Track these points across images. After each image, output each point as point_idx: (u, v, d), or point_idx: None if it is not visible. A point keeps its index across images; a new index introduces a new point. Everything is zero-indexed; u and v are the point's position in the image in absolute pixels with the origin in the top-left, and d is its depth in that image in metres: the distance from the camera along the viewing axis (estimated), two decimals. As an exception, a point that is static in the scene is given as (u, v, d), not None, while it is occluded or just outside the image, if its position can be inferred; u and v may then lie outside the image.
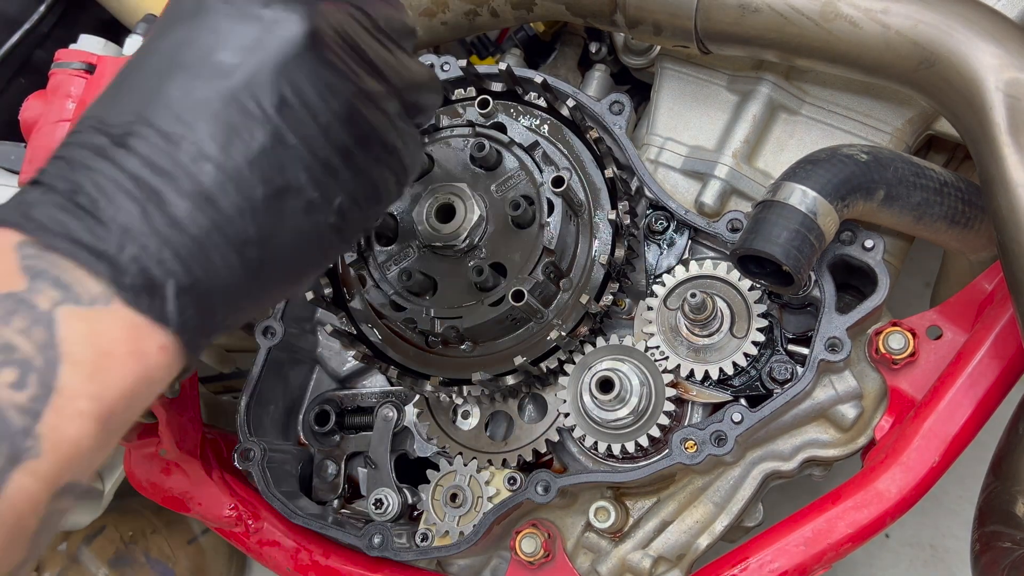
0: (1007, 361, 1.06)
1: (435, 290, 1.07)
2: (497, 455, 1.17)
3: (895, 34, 0.95)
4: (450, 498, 1.17)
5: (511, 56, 1.57)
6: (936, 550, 1.90)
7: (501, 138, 1.08)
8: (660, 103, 1.25)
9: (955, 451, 1.06)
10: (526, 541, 1.16)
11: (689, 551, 1.17)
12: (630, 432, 1.10)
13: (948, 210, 1.04)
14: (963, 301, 1.13)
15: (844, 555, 1.09)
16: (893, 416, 1.13)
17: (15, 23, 1.57)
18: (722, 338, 1.11)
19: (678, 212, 1.14)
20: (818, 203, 0.97)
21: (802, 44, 1.01)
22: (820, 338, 1.07)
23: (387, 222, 1.08)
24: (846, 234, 1.09)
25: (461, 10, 1.18)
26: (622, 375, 1.09)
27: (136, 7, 1.43)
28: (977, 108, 0.91)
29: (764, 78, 1.18)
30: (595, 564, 1.18)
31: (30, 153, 1.22)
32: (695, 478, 1.17)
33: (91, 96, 1.21)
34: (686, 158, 1.21)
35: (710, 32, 1.05)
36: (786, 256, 0.95)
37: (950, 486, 1.33)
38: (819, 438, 1.15)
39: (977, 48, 0.92)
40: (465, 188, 1.06)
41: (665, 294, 1.13)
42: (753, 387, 1.12)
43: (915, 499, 1.07)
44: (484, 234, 1.06)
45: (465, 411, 1.19)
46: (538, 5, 1.14)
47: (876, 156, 1.01)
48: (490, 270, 1.04)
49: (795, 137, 1.20)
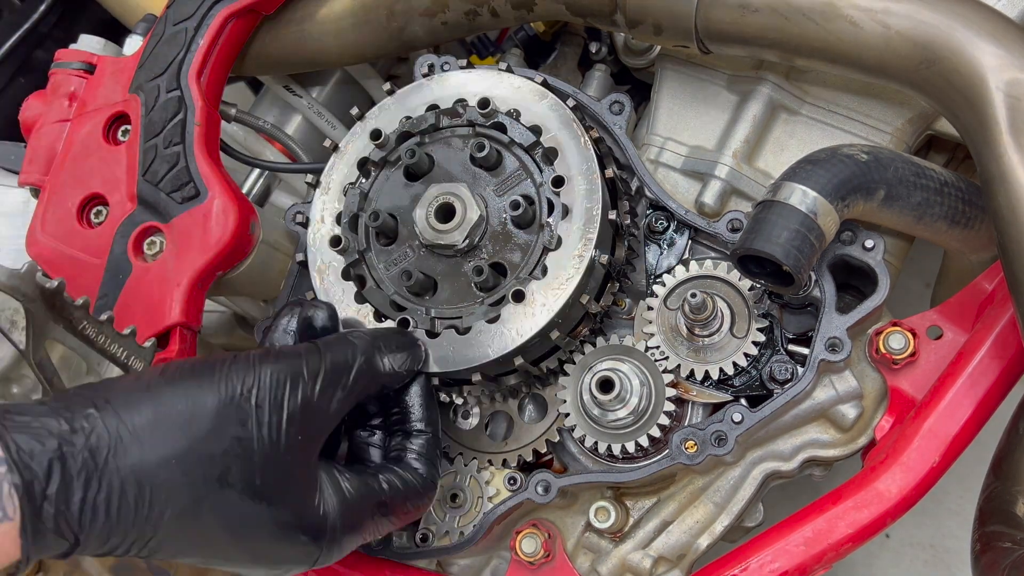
0: (1007, 361, 1.06)
1: (435, 290, 1.07)
2: (497, 455, 1.17)
3: (895, 34, 0.95)
4: (450, 498, 1.17)
5: (511, 56, 1.57)
6: (936, 550, 1.90)
7: (501, 138, 1.08)
8: (660, 103, 1.25)
9: (955, 451, 1.06)
10: (526, 541, 1.16)
11: (689, 551, 1.17)
12: (630, 432, 1.10)
13: (948, 210, 1.04)
14: (963, 301, 1.13)
15: (844, 555, 1.09)
16: (893, 416, 1.13)
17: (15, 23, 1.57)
18: (722, 338, 1.11)
19: (678, 212, 1.14)
20: (818, 203, 0.97)
21: (802, 44, 1.01)
22: (820, 338, 1.07)
23: (387, 222, 1.08)
24: (846, 234, 1.09)
25: (461, 10, 1.18)
26: (622, 375, 1.09)
27: (136, 7, 1.43)
28: (977, 108, 0.91)
29: (764, 78, 1.18)
30: (595, 564, 1.18)
31: (30, 153, 1.22)
32: (695, 478, 1.17)
33: (91, 96, 1.21)
34: (686, 158, 1.21)
35: (710, 32, 1.05)
36: (786, 256, 0.95)
37: (950, 486, 1.33)
38: (819, 438, 1.15)
39: (978, 48, 0.92)
40: (465, 188, 1.06)
41: (665, 294, 1.13)
42: (753, 387, 1.12)
43: (915, 499, 1.07)
44: (484, 234, 1.06)
45: (465, 411, 1.19)
46: (538, 5, 1.14)
47: (876, 156, 1.01)
48: (490, 270, 1.03)
49: (795, 137, 1.20)
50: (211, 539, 0.82)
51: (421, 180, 1.10)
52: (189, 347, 1.12)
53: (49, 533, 0.73)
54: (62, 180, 1.18)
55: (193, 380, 0.84)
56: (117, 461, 0.76)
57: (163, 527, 0.78)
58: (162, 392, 0.82)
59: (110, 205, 1.16)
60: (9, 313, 0.93)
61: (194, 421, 0.81)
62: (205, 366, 0.85)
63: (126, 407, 0.80)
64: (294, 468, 0.85)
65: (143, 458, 0.78)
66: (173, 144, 1.14)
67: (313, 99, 1.52)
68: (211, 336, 1.59)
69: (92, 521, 0.75)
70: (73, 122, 1.21)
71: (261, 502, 0.83)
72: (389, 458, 0.99)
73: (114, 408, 0.79)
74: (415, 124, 1.11)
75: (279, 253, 1.24)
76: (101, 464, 0.76)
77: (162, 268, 1.12)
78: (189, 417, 0.81)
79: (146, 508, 0.77)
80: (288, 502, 0.85)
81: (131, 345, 1.04)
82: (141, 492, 0.77)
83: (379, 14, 1.22)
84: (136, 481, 0.77)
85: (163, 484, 0.78)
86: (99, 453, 0.76)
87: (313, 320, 0.99)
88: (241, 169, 1.47)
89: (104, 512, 0.75)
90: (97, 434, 0.77)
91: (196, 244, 1.11)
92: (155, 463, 0.78)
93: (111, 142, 1.19)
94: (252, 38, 1.27)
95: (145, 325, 1.08)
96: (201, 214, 1.12)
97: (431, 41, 1.24)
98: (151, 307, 1.10)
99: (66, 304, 0.96)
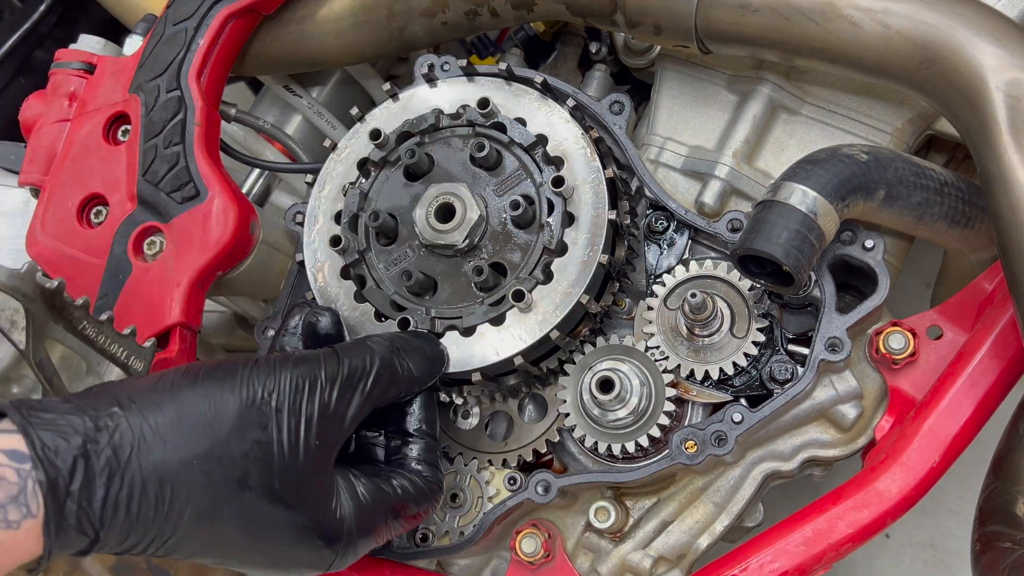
0: (1007, 361, 1.06)
1: (435, 290, 1.07)
2: (497, 455, 1.17)
3: (895, 34, 0.95)
4: (450, 498, 1.17)
5: (511, 56, 1.57)
6: (936, 550, 1.90)
7: (501, 138, 1.08)
8: (660, 103, 1.25)
9: (955, 451, 1.06)
10: (526, 541, 1.16)
11: (689, 551, 1.17)
12: (630, 432, 1.10)
13: (948, 210, 1.04)
14: (963, 301, 1.13)
15: (844, 555, 1.09)
16: (893, 416, 1.13)
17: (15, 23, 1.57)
18: (722, 338, 1.11)
19: (678, 212, 1.14)
20: (818, 203, 0.97)
21: (802, 44, 1.01)
22: (820, 338, 1.07)
23: (387, 222, 1.08)
24: (846, 234, 1.09)
25: (461, 10, 1.18)
26: (622, 375, 1.09)
27: (136, 7, 1.43)
28: (977, 108, 0.91)
29: (764, 78, 1.18)
30: (595, 564, 1.18)
31: (30, 153, 1.22)
32: (695, 478, 1.17)
33: (91, 96, 1.21)
34: (686, 158, 1.21)
35: (710, 32, 1.05)
36: (786, 256, 0.95)
37: (950, 486, 1.33)
38: (819, 438, 1.15)
39: (978, 48, 0.92)
40: (465, 188, 1.06)
41: (665, 294, 1.13)
42: (753, 387, 1.12)
43: (915, 499, 1.07)
44: (484, 234, 1.06)
45: (465, 411, 1.19)
46: (538, 5, 1.14)
47: (876, 156, 1.01)
48: (490, 270, 1.04)
49: (795, 137, 1.20)
50: (229, 540, 0.83)
51: (421, 180, 1.10)
52: (189, 347, 1.12)
53: (71, 530, 0.74)
54: (62, 180, 1.18)
55: (215, 382, 0.84)
56: (140, 459, 0.77)
57: (182, 527, 0.79)
58: (184, 393, 0.83)
59: (110, 205, 1.16)
60: (9, 313, 0.93)
61: (216, 423, 0.82)
62: (227, 368, 0.86)
63: (150, 406, 0.80)
64: (312, 473, 0.86)
65: (165, 457, 0.78)
66: (173, 144, 1.14)
67: (313, 99, 1.52)
68: (211, 336, 1.59)
69: (113, 518, 0.75)
70: (73, 122, 1.21)
71: (279, 505, 0.84)
72: (391, 461, 0.99)
73: (138, 407, 0.80)
74: (415, 124, 1.11)
75: (279, 253, 1.24)
76: (124, 462, 0.76)
77: (162, 268, 1.12)
78: (211, 419, 0.82)
79: (166, 507, 0.78)
80: (306, 506, 0.85)
81: (131, 345, 1.04)
82: (162, 491, 0.78)
83: (379, 14, 1.22)
84: (158, 480, 0.77)
85: (184, 484, 0.79)
86: (122, 451, 0.77)
87: (317, 326, 1.00)
88: (241, 169, 1.47)
89: (125, 509, 0.76)
90: (121, 432, 0.77)
91: (196, 244, 1.11)
92: (177, 463, 0.79)
93: (111, 142, 1.19)
94: (252, 38, 1.27)
95: (145, 325, 1.08)
96: (201, 214, 1.12)
97: (431, 41, 1.24)
98: (151, 307, 1.10)
99: (66, 304, 0.96)
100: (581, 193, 1.05)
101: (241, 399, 0.83)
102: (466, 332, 1.04)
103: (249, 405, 0.83)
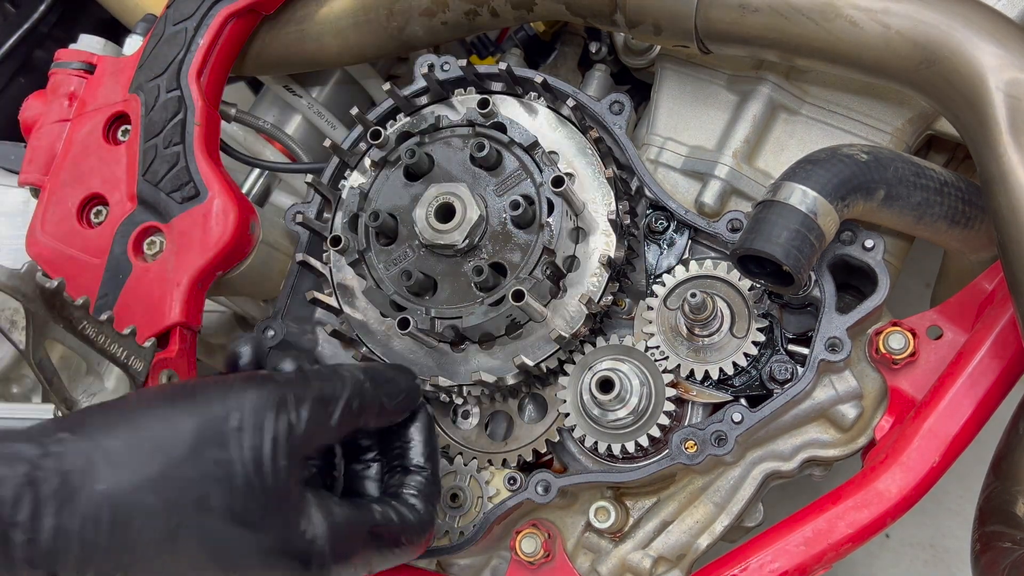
0: (1007, 361, 1.06)
1: (435, 290, 1.07)
2: (497, 455, 1.17)
3: (895, 34, 0.95)
4: (450, 498, 1.16)
5: (511, 56, 1.57)
6: (936, 550, 1.90)
7: (501, 138, 1.08)
8: (660, 103, 1.25)
9: (955, 451, 1.06)
10: (526, 541, 1.16)
11: (689, 551, 1.17)
12: (630, 432, 1.10)
13: (948, 210, 1.04)
14: (963, 301, 1.13)
15: (844, 555, 1.09)
16: (893, 416, 1.13)
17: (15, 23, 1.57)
18: (722, 338, 1.11)
19: (678, 212, 1.14)
20: (818, 203, 0.97)
21: (802, 44, 1.01)
22: (820, 338, 1.07)
23: (387, 222, 1.08)
24: (846, 234, 1.09)
25: (461, 10, 1.18)
26: (622, 375, 1.09)
27: (136, 7, 1.43)
28: (977, 108, 0.91)
29: (764, 78, 1.18)
30: (595, 564, 1.18)
31: (30, 153, 1.22)
32: (695, 478, 1.17)
33: (91, 96, 1.21)
34: (686, 158, 1.21)
35: (710, 32, 1.05)
36: (786, 256, 0.95)
37: (950, 486, 1.33)
38: (819, 438, 1.15)
39: (978, 48, 0.91)
40: (465, 188, 1.06)
41: (665, 294, 1.13)
42: (753, 387, 1.12)
43: (915, 499, 1.07)
44: (484, 234, 1.06)
45: (465, 411, 1.19)
46: (538, 5, 1.14)
47: (876, 156, 1.01)
48: (490, 270, 1.04)
49: (795, 137, 1.20)
50: (194, 567, 0.79)
51: (421, 180, 1.10)
52: (189, 347, 1.12)
53: (20, 563, 0.71)
54: (62, 180, 1.18)
55: (171, 403, 0.82)
56: (90, 486, 0.74)
57: (140, 553, 0.76)
58: (138, 415, 0.80)
59: (110, 205, 1.16)
60: (9, 313, 0.93)
61: (170, 443, 0.79)
62: (184, 389, 0.83)
63: (101, 430, 0.78)
64: (277, 492, 0.82)
65: (117, 482, 0.75)
66: (173, 144, 1.14)
67: (313, 99, 1.52)
68: (211, 336, 1.59)
69: (66, 550, 0.72)
70: (73, 122, 1.21)
71: (243, 527, 0.80)
72: (387, 494, 0.97)
73: (88, 432, 0.77)
74: (415, 124, 1.11)
75: (279, 253, 1.24)
76: (74, 490, 0.73)
77: (162, 268, 1.12)
78: (165, 440, 0.79)
79: (122, 534, 0.75)
80: (271, 527, 0.81)
81: (131, 345, 1.04)
82: (116, 517, 0.74)
83: (379, 14, 1.22)
84: (111, 506, 0.74)
85: (139, 509, 0.76)
86: (72, 478, 0.73)
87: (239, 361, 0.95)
88: (241, 169, 1.47)
89: (79, 539, 0.73)
90: (69, 458, 0.74)
91: (196, 244, 1.11)
92: (129, 487, 0.76)
93: (111, 142, 1.19)
94: (252, 38, 1.27)
95: (145, 325, 1.08)
96: (201, 214, 1.12)
97: (431, 41, 1.24)
98: (151, 307, 1.10)
99: (66, 304, 0.96)
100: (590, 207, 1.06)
101: (199, 418, 0.80)
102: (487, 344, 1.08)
103: (207, 424, 0.80)
